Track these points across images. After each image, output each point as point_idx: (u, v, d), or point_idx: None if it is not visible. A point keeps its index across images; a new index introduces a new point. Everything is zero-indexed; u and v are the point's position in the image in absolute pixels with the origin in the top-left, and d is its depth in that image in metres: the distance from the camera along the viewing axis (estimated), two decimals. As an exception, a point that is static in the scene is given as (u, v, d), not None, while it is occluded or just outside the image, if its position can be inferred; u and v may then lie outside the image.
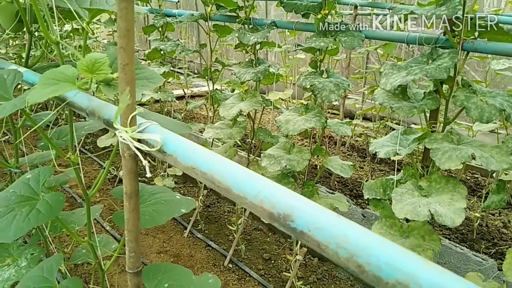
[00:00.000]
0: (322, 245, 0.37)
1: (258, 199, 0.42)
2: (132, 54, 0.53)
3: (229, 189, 0.45)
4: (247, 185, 0.44)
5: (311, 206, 0.39)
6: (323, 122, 1.61)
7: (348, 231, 0.36)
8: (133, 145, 0.55)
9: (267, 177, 0.49)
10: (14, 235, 0.76)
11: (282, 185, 1.41)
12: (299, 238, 0.39)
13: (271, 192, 0.42)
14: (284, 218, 0.40)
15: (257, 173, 1.46)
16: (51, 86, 0.61)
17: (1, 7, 1.24)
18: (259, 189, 0.42)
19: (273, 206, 0.41)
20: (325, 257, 1.59)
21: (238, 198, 0.44)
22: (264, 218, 0.42)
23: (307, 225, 0.38)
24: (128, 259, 0.63)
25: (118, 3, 0.50)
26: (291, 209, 0.39)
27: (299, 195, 0.41)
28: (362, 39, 1.47)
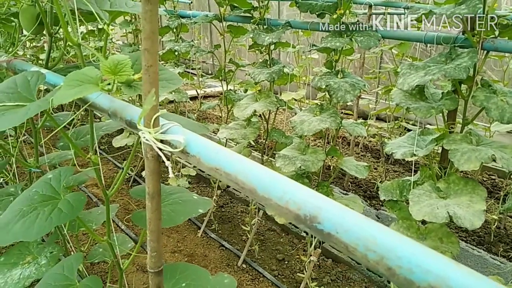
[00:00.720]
0: (350, 247, 0.36)
1: (283, 201, 0.42)
2: (156, 56, 0.53)
3: (253, 191, 0.45)
4: (272, 186, 0.43)
5: (338, 208, 0.39)
6: (338, 123, 1.60)
7: (377, 233, 0.36)
8: (156, 146, 0.56)
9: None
10: (37, 233, 0.78)
11: None
12: (326, 240, 0.39)
13: (297, 193, 0.42)
14: (311, 220, 0.39)
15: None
16: (75, 87, 0.62)
17: (22, 10, 1.27)
18: (284, 191, 0.42)
19: (299, 207, 0.40)
20: (339, 258, 1.61)
21: (263, 199, 0.44)
22: (290, 219, 0.42)
23: (334, 227, 0.38)
24: (150, 258, 0.64)
25: (143, 6, 0.50)
26: (318, 211, 0.39)
27: (325, 196, 0.40)
28: (378, 39, 1.45)
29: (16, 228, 0.79)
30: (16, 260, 1.28)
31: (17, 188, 1.30)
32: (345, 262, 2.20)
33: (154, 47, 0.53)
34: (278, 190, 0.43)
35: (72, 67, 1.28)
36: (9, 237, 0.78)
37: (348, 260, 2.20)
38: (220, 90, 5.36)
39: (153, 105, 0.52)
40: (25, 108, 0.70)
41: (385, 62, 4.36)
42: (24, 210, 0.83)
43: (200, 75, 3.22)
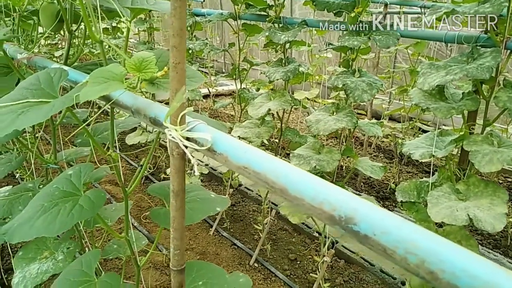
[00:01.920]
0: (388, 250, 0.35)
1: (317, 201, 0.41)
2: (184, 53, 0.53)
3: (284, 190, 0.44)
4: (304, 186, 0.43)
5: (375, 210, 0.38)
6: (355, 122, 1.58)
7: (417, 235, 0.35)
8: (183, 144, 0.56)
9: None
10: (59, 229, 0.78)
11: None
12: (362, 242, 0.38)
13: (331, 194, 0.41)
14: (346, 221, 0.39)
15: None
16: (100, 84, 0.62)
17: (42, 7, 1.28)
18: (317, 191, 0.42)
19: (333, 208, 0.40)
20: (352, 259, 1.59)
21: (295, 199, 0.43)
22: (323, 220, 0.41)
23: (371, 229, 0.37)
24: (173, 256, 0.63)
25: (172, 2, 0.50)
26: (354, 212, 0.38)
27: (361, 198, 0.40)
28: (397, 38, 1.43)
29: (38, 223, 0.80)
30: (34, 255, 1.30)
31: (35, 184, 1.32)
32: (358, 263, 2.18)
33: (182, 44, 0.52)
34: (311, 190, 0.42)
35: (90, 64, 1.28)
36: (32, 232, 0.78)
37: (361, 262, 2.18)
38: (231, 89, 5.37)
39: (182, 102, 0.52)
40: (50, 105, 0.70)
41: (399, 61, 4.31)
42: (45, 206, 0.84)
43: (214, 74, 3.22)
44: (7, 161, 1.53)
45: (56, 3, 1.27)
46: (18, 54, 1.23)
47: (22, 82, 0.81)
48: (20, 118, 0.68)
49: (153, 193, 1.04)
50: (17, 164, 1.51)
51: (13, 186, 1.81)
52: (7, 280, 2.04)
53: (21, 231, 0.80)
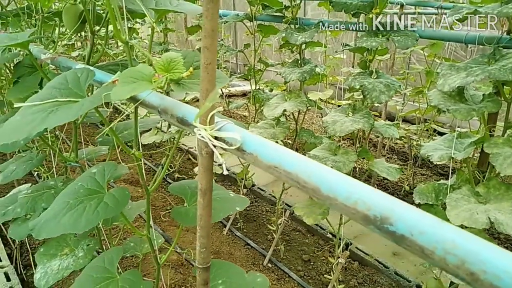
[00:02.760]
0: (426, 250, 0.36)
1: (350, 201, 0.41)
2: (215, 54, 0.54)
3: (317, 190, 0.45)
4: (337, 186, 0.43)
5: (411, 210, 0.38)
6: (371, 124, 1.58)
7: (456, 236, 0.35)
8: (212, 143, 0.56)
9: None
10: (84, 226, 0.80)
11: None
12: (398, 242, 0.38)
13: (365, 194, 0.41)
14: (381, 221, 0.39)
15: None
16: (130, 84, 0.63)
17: (65, 9, 1.30)
18: (351, 191, 0.42)
19: (368, 208, 0.40)
20: (366, 261, 1.58)
21: (328, 199, 0.44)
22: (357, 220, 0.42)
23: (408, 229, 0.37)
24: (199, 254, 0.64)
25: (204, 4, 0.51)
26: (390, 212, 0.38)
27: (396, 198, 0.40)
28: (416, 39, 1.42)
29: (65, 220, 0.81)
30: (55, 252, 1.32)
31: (57, 182, 1.34)
32: (372, 265, 2.17)
33: (213, 45, 0.53)
34: (344, 190, 0.42)
35: (112, 64, 1.30)
36: (58, 229, 0.80)
37: (375, 264, 2.16)
38: (244, 90, 5.39)
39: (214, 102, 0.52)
40: (79, 104, 0.72)
41: (412, 63, 4.27)
42: (71, 203, 0.86)
43: (230, 74, 3.24)
44: (28, 159, 1.57)
45: (78, 4, 1.30)
46: (42, 55, 1.26)
47: (50, 81, 0.83)
48: (51, 117, 0.70)
49: (174, 191, 1.05)
50: (38, 162, 1.54)
51: (32, 184, 1.85)
52: (26, 275, 2.09)
53: (48, 227, 0.82)
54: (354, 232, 2.50)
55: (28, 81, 1.38)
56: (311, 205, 1.90)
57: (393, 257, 2.33)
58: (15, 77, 1.39)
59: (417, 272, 2.20)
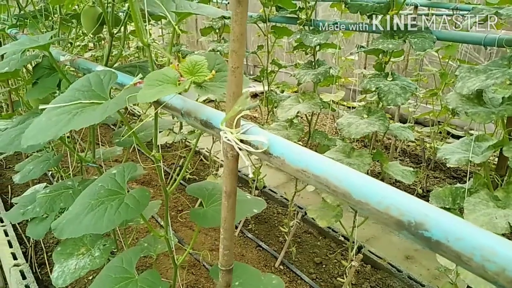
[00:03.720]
0: (464, 257, 0.35)
1: (382, 206, 0.41)
2: (242, 58, 0.54)
3: (347, 194, 0.44)
4: (369, 191, 0.43)
5: (447, 215, 0.38)
6: (387, 126, 1.56)
7: (494, 243, 0.34)
8: (238, 146, 0.57)
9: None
10: (106, 227, 0.80)
11: None
12: (434, 248, 0.38)
13: (398, 199, 0.41)
14: (416, 226, 0.39)
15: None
16: (156, 87, 0.64)
17: (84, 11, 1.32)
18: (383, 196, 0.42)
19: (401, 213, 0.40)
20: (379, 264, 1.57)
21: (359, 203, 0.43)
22: (389, 225, 0.41)
23: (444, 235, 0.37)
24: (222, 256, 0.65)
25: (233, 8, 0.51)
26: (424, 218, 0.38)
27: (430, 204, 0.39)
28: (433, 41, 1.41)
29: (86, 220, 0.82)
30: (72, 251, 1.34)
31: (74, 182, 1.36)
32: (384, 269, 2.15)
33: (242, 49, 0.53)
34: (376, 194, 0.42)
35: (129, 66, 1.32)
36: (80, 229, 0.81)
37: (388, 267, 2.15)
38: (254, 91, 5.38)
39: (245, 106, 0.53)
40: (103, 106, 0.73)
41: (425, 64, 4.24)
42: (92, 204, 0.87)
43: (242, 76, 3.24)
44: (45, 159, 1.59)
45: (97, 7, 1.31)
46: (61, 56, 1.28)
47: (74, 83, 0.84)
48: (76, 119, 0.71)
49: (192, 193, 1.06)
50: (54, 162, 1.56)
51: (47, 184, 1.88)
52: (40, 274, 2.11)
53: (70, 228, 0.83)
54: (366, 235, 2.48)
55: (47, 82, 1.40)
56: (324, 207, 1.90)
57: (405, 261, 2.31)
58: (34, 78, 1.42)
59: (431, 276, 2.18)
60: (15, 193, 2.90)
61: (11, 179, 3.11)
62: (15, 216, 1.38)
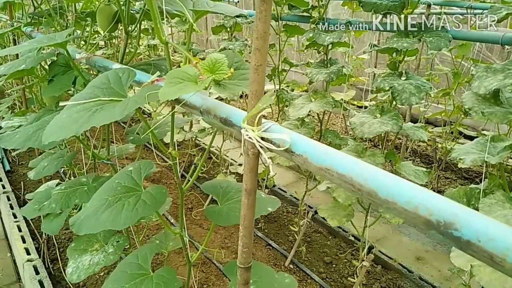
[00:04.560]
0: (496, 257, 0.35)
1: (411, 205, 0.41)
2: (265, 56, 0.54)
3: (373, 193, 0.44)
4: (396, 190, 0.43)
5: (477, 215, 0.38)
6: (400, 126, 1.55)
7: (528, 244, 0.34)
8: (259, 144, 0.57)
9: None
10: (124, 223, 0.81)
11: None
12: (463, 248, 0.37)
13: (427, 198, 0.40)
14: (445, 226, 0.38)
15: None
16: (176, 85, 0.64)
17: (99, 9, 1.33)
18: (411, 195, 0.41)
19: (430, 213, 0.39)
20: (390, 265, 1.56)
21: (385, 202, 0.43)
22: (417, 224, 0.41)
23: (475, 235, 0.36)
24: (241, 254, 0.65)
25: (258, 6, 0.51)
26: (454, 218, 0.38)
27: (459, 204, 0.39)
28: (449, 40, 1.39)
29: (104, 217, 0.83)
30: (86, 247, 1.35)
31: (89, 179, 1.37)
32: (395, 269, 2.14)
33: (265, 47, 0.53)
34: (404, 194, 0.42)
35: (144, 64, 1.32)
36: (98, 225, 0.82)
37: (399, 268, 2.13)
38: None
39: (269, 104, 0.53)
40: (123, 103, 0.73)
41: (436, 63, 4.19)
42: (109, 200, 0.87)
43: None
44: (59, 156, 1.61)
45: (112, 5, 1.32)
46: (77, 54, 1.29)
47: (93, 81, 0.85)
48: (96, 116, 0.72)
49: (207, 191, 1.06)
50: (68, 159, 1.58)
51: (59, 181, 1.90)
52: (53, 269, 2.14)
53: (88, 224, 0.84)
54: (377, 236, 2.47)
55: (62, 80, 1.41)
56: (336, 207, 1.89)
57: (416, 262, 2.30)
58: (50, 76, 1.43)
59: (442, 277, 2.16)
60: (27, 189, 2.93)
61: (23, 175, 3.16)
62: (30, 212, 1.40)
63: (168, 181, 3.10)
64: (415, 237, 2.52)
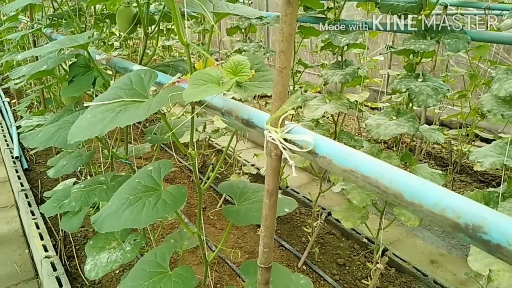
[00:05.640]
0: (527, 261, 0.35)
1: (438, 208, 0.41)
2: (290, 58, 0.55)
3: (399, 195, 0.44)
4: (422, 192, 0.43)
5: (506, 218, 0.38)
6: (417, 128, 1.54)
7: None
8: (282, 146, 0.57)
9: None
10: (145, 222, 0.82)
11: (367, 192, 1.39)
12: (492, 251, 0.37)
13: (454, 201, 0.41)
14: (474, 229, 0.38)
15: (338, 178, 1.45)
16: (200, 86, 0.65)
17: (119, 11, 1.35)
18: (437, 198, 0.42)
19: (458, 216, 0.39)
20: (404, 268, 1.56)
21: (411, 205, 0.43)
22: (444, 227, 0.41)
23: (506, 238, 0.36)
24: (262, 254, 0.65)
25: (283, 8, 0.52)
26: (483, 221, 0.38)
27: (487, 207, 0.39)
28: (468, 41, 1.38)
29: (125, 215, 0.84)
30: (103, 245, 1.37)
31: (107, 178, 1.39)
32: (409, 272, 2.12)
33: (290, 49, 0.54)
34: (430, 196, 0.42)
35: (162, 65, 1.34)
36: (120, 223, 0.83)
37: (413, 271, 2.11)
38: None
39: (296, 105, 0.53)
40: (146, 104, 0.74)
41: (451, 65, 4.14)
42: (130, 199, 0.89)
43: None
44: (78, 155, 1.64)
45: (132, 7, 1.34)
46: (97, 55, 1.31)
47: (115, 82, 0.86)
48: (120, 116, 0.73)
49: (223, 191, 1.07)
50: (87, 158, 1.61)
51: (76, 180, 1.93)
52: (69, 266, 2.18)
53: (109, 222, 0.86)
54: (390, 238, 2.45)
55: (82, 80, 1.44)
56: (350, 209, 1.88)
57: (430, 265, 2.27)
58: (70, 76, 1.46)
59: (457, 281, 2.13)
60: (44, 187, 2.99)
61: (41, 173, 3.22)
62: (50, 210, 1.43)
63: (181, 181, 3.13)
64: (429, 240, 2.49)
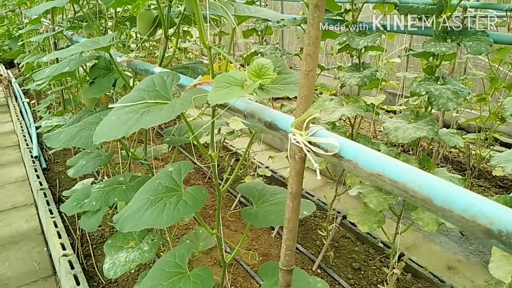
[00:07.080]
0: None
1: (469, 214, 0.40)
2: (316, 61, 0.55)
3: (428, 200, 0.44)
4: (452, 197, 0.42)
5: (542, 226, 0.37)
6: (436, 131, 1.52)
7: None
8: (306, 149, 0.57)
9: (368, 186, 0.48)
10: (166, 222, 0.83)
11: (384, 196, 1.36)
12: (527, 258, 0.37)
13: (486, 207, 0.40)
14: (508, 236, 0.38)
15: (354, 181, 1.43)
16: (224, 89, 0.66)
17: (140, 14, 1.37)
18: (468, 203, 0.41)
19: (491, 222, 0.39)
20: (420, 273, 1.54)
21: (441, 210, 0.43)
22: (475, 233, 0.41)
23: (542, 246, 0.36)
24: (284, 256, 0.65)
25: (311, 12, 0.52)
26: (517, 227, 0.37)
27: (522, 213, 0.38)
28: (490, 44, 1.36)
29: (147, 215, 0.86)
30: (121, 244, 1.39)
31: (126, 178, 1.42)
32: (426, 278, 2.09)
33: (316, 53, 0.54)
34: (461, 201, 0.42)
35: (181, 67, 1.36)
36: (141, 223, 0.84)
37: (430, 277, 2.08)
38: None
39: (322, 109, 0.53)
40: (169, 106, 0.75)
41: (469, 68, 4.07)
42: (151, 199, 0.90)
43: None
44: (97, 156, 1.66)
45: (152, 10, 1.36)
46: (118, 57, 1.34)
47: (139, 84, 0.88)
48: (144, 117, 0.74)
49: (242, 192, 1.08)
50: (106, 158, 1.63)
51: (93, 180, 1.96)
52: (86, 265, 2.21)
53: (131, 221, 0.87)
54: (406, 243, 2.42)
55: (103, 82, 1.47)
56: (366, 212, 1.87)
57: (448, 271, 2.23)
58: (92, 78, 1.49)
59: (475, 288, 2.09)
60: (62, 186, 3.05)
61: (59, 173, 3.28)
62: (70, 209, 1.46)
63: (196, 182, 3.15)
64: (446, 245, 2.45)
